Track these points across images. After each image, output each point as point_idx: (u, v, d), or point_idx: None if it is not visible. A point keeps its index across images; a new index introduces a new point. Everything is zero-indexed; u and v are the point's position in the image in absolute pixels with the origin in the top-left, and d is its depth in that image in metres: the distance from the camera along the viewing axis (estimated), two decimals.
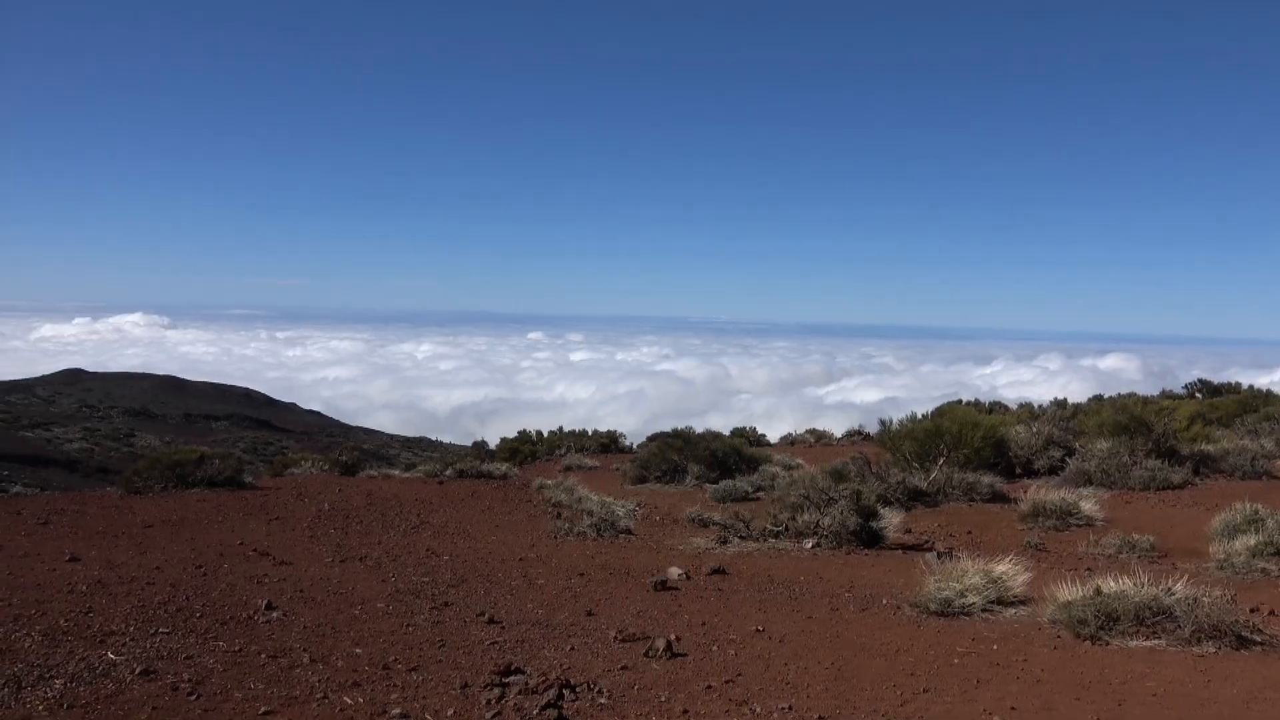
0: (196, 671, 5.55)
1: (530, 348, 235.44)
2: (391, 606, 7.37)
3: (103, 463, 40.58)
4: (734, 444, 18.16)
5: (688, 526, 12.17)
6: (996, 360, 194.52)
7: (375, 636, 6.49)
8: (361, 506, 12.49)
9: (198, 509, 11.68)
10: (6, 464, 36.22)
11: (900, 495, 13.35)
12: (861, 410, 79.83)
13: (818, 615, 7.46)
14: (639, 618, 7.24)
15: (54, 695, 5.08)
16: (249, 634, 6.41)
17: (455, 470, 16.31)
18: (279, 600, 7.32)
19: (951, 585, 7.58)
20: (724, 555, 10.14)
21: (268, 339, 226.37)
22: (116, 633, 6.26)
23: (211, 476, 13.35)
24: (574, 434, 24.23)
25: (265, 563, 8.84)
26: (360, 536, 10.60)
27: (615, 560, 9.71)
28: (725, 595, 8.17)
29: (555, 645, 6.41)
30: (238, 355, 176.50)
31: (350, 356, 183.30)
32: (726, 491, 14.69)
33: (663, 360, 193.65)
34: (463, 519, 12.16)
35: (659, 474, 16.73)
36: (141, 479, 13.11)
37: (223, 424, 65.22)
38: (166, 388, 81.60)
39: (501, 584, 8.41)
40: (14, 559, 8.48)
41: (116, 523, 10.62)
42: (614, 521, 11.58)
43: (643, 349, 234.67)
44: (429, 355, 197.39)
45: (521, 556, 9.77)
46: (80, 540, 9.54)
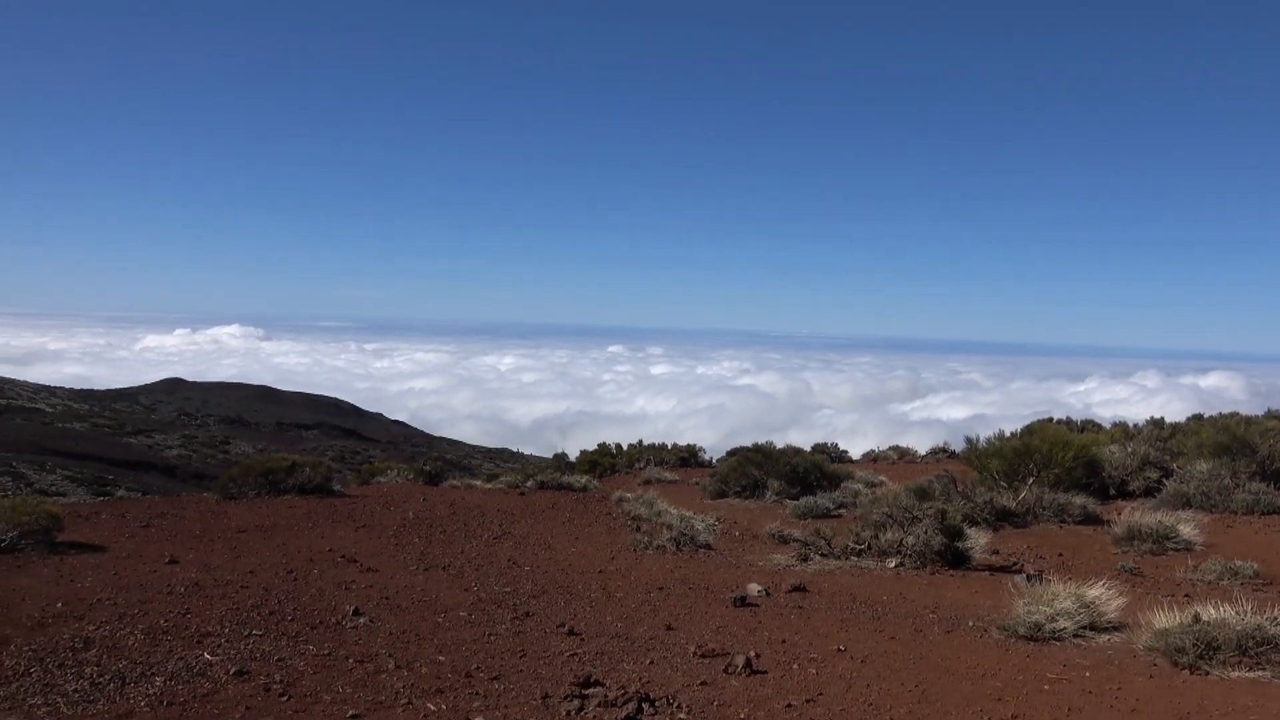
0: (288, 673, 5.72)
1: (611, 360, 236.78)
2: (474, 615, 7.48)
3: (200, 469, 42.09)
4: (815, 460, 17.95)
5: (768, 542, 12.07)
6: (1090, 377, 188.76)
7: (458, 644, 6.59)
8: (445, 516, 12.71)
9: (289, 515, 12.03)
10: (112, 468, 37.85)
11: (987, 515, 13.02)
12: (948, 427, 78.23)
13: (901, 636, 7.32)
14: (718, 633, 7.21)
15: (154, 692, 5.29)
16: (337, 638, 6.58)
17: (536, 482, 16.48)
18: (366, 606, 7.50)
19: (1041, 609, 7.36)
20: (805, 572, 10.03)
21: (357, 350, 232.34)
22: (212, 634, 6.49)
23: (302, 484, 13.75)
24: (653, 447, 24.24)
25: (353, 569, 9.06)
26: (443, 545, 10.78)
27: (695, 575, 9.68)
28: (806, 613, 8.07)
29: (634, 659, 6.42)
30: (328, 366, 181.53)
31: (435, 368, 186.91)
32: (807, 508, 14.52)
33: (743, 374, 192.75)
34: (543, 530, 12.27)
35: (739, 489, 16.63)
36: (236, 485, 13.57)
37: (313, 433, 67.06)
38: (260, 397, 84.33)
39: (581, 596, 8.46)
40: (119, 560, 8.87)
41: (212, 527, 11.01)
42: (693, 536, 11.55)
43: (723, 363, 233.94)
44: (511, 367, 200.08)
45: (601, 569, 9.81)
46: (179, 543, 9.91)
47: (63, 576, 8.02)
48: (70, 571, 8.24)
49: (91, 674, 5.53)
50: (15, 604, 6.95)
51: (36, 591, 7.39)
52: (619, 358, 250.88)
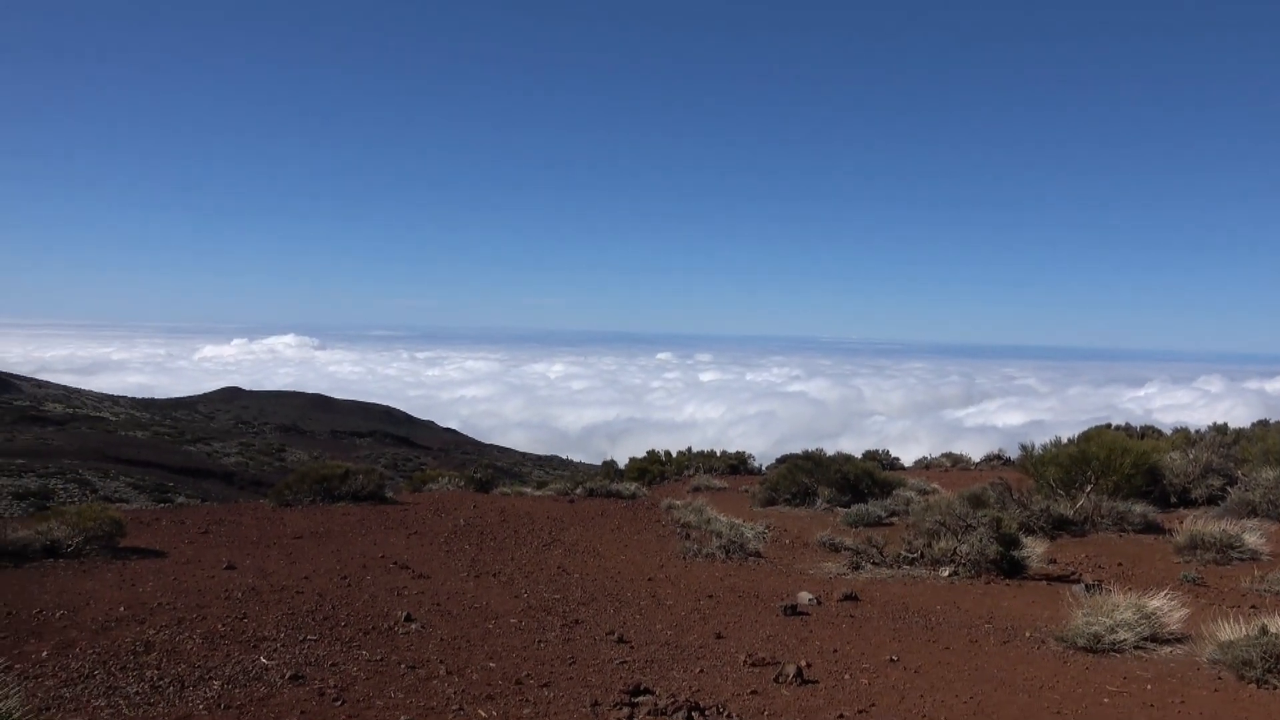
0: (341, 679, 5.80)
1: (659, 368, 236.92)
2: (524, 622, 7.51)
3: (257, 476, 42.91)
4: (866, 467, 17.76)
5: (818, 551, 11.97)
6: (1150, 382, 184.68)
7: (508, 651, 6.63)
8: (495, 523, 12.79)
9: (343, 522, 12.20)
10: (172, 475, 38.76)
11: (1044, 523, 12.77)
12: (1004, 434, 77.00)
13: (955, 646, 7.20)
14: (769, 642, 7.16)
15: (212, 695, 5.39)
16: (390, 644, 6.65)
17: (585, 489, 16.53)
18: (418, 612, 7.57)
19: (1101, 620, 7.19)
20: (856, 581, 9.92)
21: (408, 359, 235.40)
22: (268, 638, 6.59)
23: (355, 491, 13.94)
24: (702, 455, 24.17)
25: (405, 575, 9.16)
26: (494, 552, 10.85)
27: (744, 583, 9.63)
28: (857, 622, 7.98)
29: (684, 667, 6.40)
30: (381, 375, 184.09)
31: (486, 376, 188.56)
32: (858, 516, 14.38)
33: (793, 381, 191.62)
34: (592, 538, 12.29)
35: (788, 496, 16.52)
36: (291, 492, 13.80)
37: (366, 440, 68.02)
38: (315, 405, 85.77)
39: (631, 603, 8.46)
40: (178, 565, 9.06)
41: (269, 533, 11.20)
42: (743, 544, 11.49)
43: (773, 369, 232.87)
44: (561, 375, 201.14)
45: (650, 576, 9.80)
46: (236, 549, 10.10)
47: (125, 581, 8.21)
48: (132, 576, 8.43)
49: (152, 677, 5.65)
50: (81, 607, 7.13)
51: (100, 595, 7.58)
52: (668, 365, 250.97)
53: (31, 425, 52.10)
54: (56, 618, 6.81)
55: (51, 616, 6.84)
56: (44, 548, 9.10)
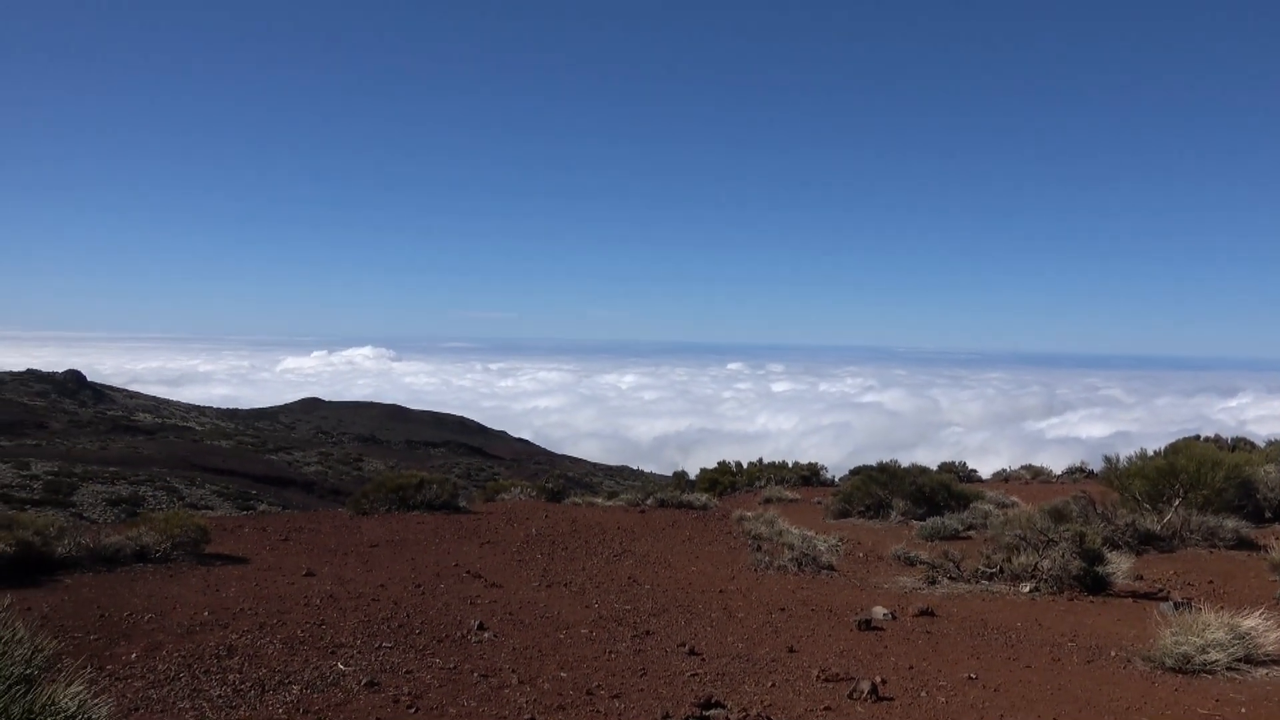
0: (415, 686, 5.87)
1: (731, 378, 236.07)
2: (595, 633, 7.52)
3: (335, 485, 43.86)
4: (943, 479, 17.40)
5: (893, 564, 11.75)
6: (1243, 392, 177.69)
7: (579, 661, 6.64)
8: (566, 533, 12.86)
9: (417, 530, 12.39)
10: (254, 484, 39.83)
11: (1129, 538, 12.35)
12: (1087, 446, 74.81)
13: (1037, 665, 7.00)
14: (842, 657, 7.05)
15: (291, 700, 5.51)
16: (463, 652, 6.72)
17: (656, 499, 16.51)
18: (490, 621, 7.64)
19: (1191, 639, 6.91)
20: (932, 596, 9.71)
21: (482, 370, 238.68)
22: (345, 645, 6.72)
23: (430, 500, 14.15)
24: (774, 466, 23.97)
25: (477, 584, 9.25)
26: (565, 562, 10.90)
27: (817, 596, 9.50)
28: (934, 638, 7.81)
29: (756, 680, 6.33)
30: (455, 386, 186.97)
31: (558, 387, 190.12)
32: (935, 529, 14.08)
33: (867, 391, 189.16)
34: (663, 548, 12.27)
35: (862, 509, 16.27)
36: (368, 501, 14.07)
37: (440, 450, 69.05)
38: (391, 416, 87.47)
39: (702, 615, 8.41)
40: (260, 572, 9.30)
41: (346, 541, 11.43)
42: (816, 556, 11.35)
43: (846, 380, 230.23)
44: (632, 385, 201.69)
45: (722, 588, 9.74)
46: (315, 557, 10.33)
47: (209, 586, 8.46)
48: (216, 582, 8.68)
49: (234, 680, 5.80)
50: (168, 611, 7.37)
51: (186, 600, 7.82)
52: (739, 375, 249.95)
53: (124, 434, 54.12)
54: (145, 621, 7.04)
55: (141, 619, 7.07)
56: (134, 553, 9.43)
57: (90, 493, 29.23)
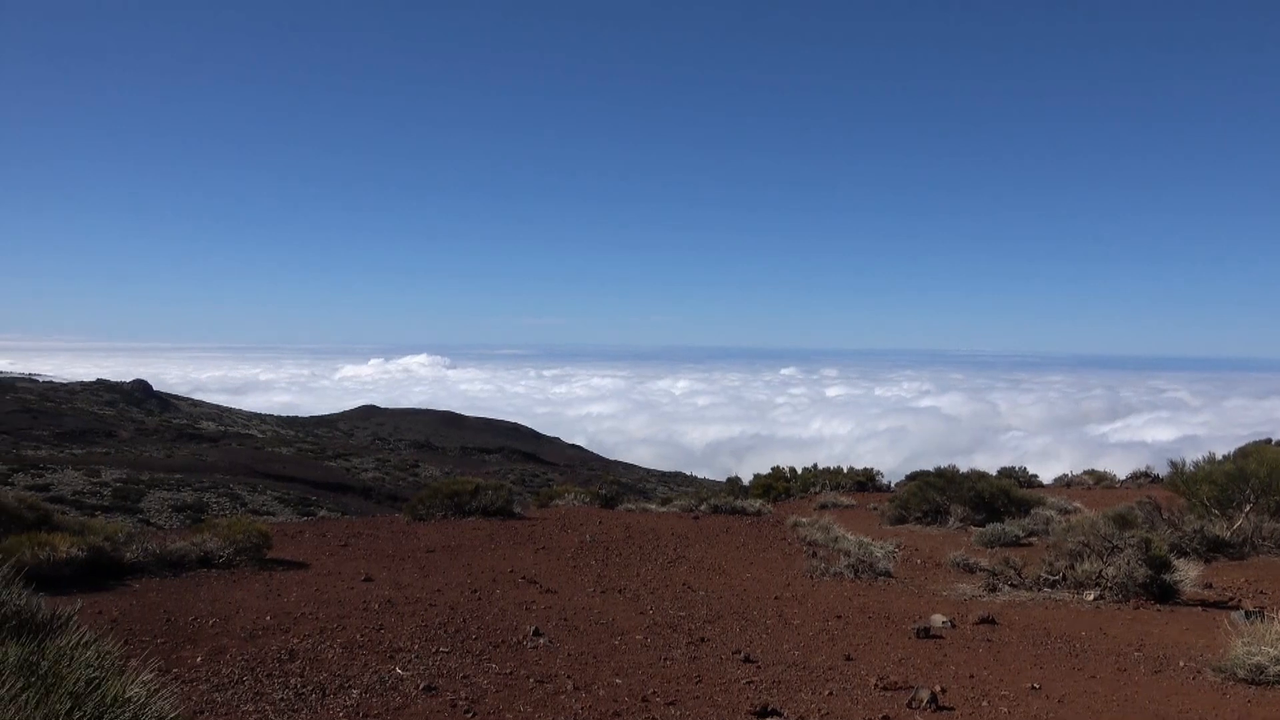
0: (472, 691, 5.91)
1: (784, 383, 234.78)
2: (649, 639, 7.51)
3: (392, 490, 44.47)
4: (1002, 485, 17.09)
5: (951, 571, 11.57)
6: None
7: (634, 668, 6.63)
8: (620, 539, 12.86)
9: (473, 536, 12.49)
10: (314, 490, 40.56)
11: (1197, 545, 12.00)
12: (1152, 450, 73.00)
13: (1102, 675, 6.83)
14: (900, 665, 6.95)
15: (351, 704, 5.58)
16: (518, 658, 6.75)
17: (710, 506, 16.45)
18: (545, 627, 7.67)
19: (1264, 649, 6.69)
20: (993, 604, 9.54)
21: (535, 377, 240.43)
22: (403, 649, 6.79)
23: (485, 506, 14.27)
24: (828, 471, 23.74)
25: (533, 590, 9.30)
26: (619, 568, 10.91)
27: (874, 603, 9.39)
28: (995, 647, 7.67)
29: (812, 688, 6.27)
30: (509, 393, 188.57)
31: (611, 393, 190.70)
32: (994, 535, 13.84)
33: (924, 396, 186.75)
34: (717, 555, 12.22)
35: (919, 515, 16.04)
36: (425, 507, 14.23)
37: (494, 456, 69.68)
38: (446, 422, 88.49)
39: (757, 622, 8.35)
40: (320, 577, 9.45)
41: (403, 547, 11.57)
42: (872, 563, 11.21)
43: (902, 384, 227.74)
44: (685, 391, 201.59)
45: (777, 595, 9.66)
46: (373, 562, 10.46)
47: (271, 591, 8.61)
48: (278, 586, 8.84)
49: (296, 684, 5.90)
50: (231, 616, 7.52)
51: (248, 605, 7.97)
52: (793, 380, 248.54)
53: (188, 442, 55.47)
54: (209, 625, 7.19)
55: (205, 624, 7.22)
56: (199, 558, 9.64)
57: (157, 499, 30.00)
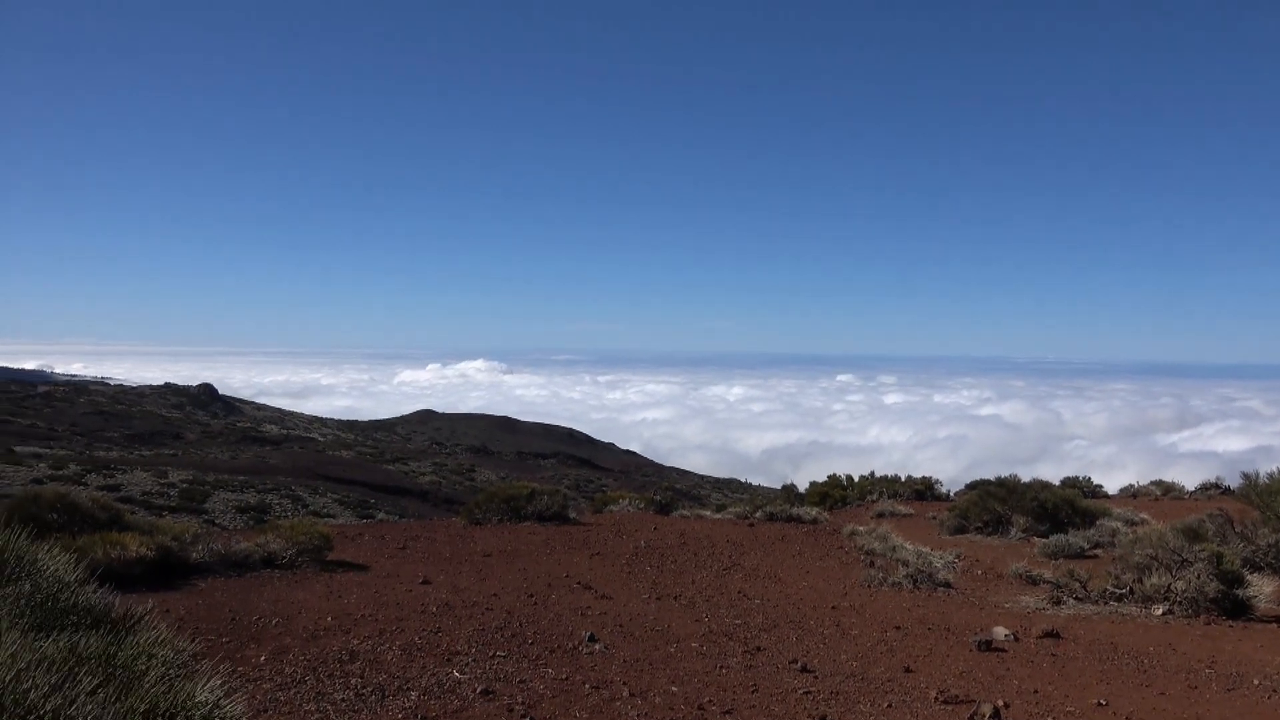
0: (529, 696, 5.94)
1: (841, 390, 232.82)
2: (705, 647, 7.48)
3: (449, 494, 44.93)
4: (1066, 495, 16.71)
5: (1013, 583, 11.34)
6: None
7: (690, 676, 6.61)
8: (675, 545, 12.84)
9: (528, 541, 12.57)
10: (373, 493, 41.14)
11: (1272, 560, 11.60)
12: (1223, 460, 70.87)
13: (1172, 692, 6.63)
14: (962, 678, 6.82)
15: (410, 706, 5.64)
16: (574, 663, 6.77)
17: (765, 513, 16.34)
18: (601, 633, 7.67)
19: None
20: (1057, 617, 9.32)
21: (590, 382, 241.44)
22: (461, 653, 6.85)
23: (540, 511, 14.35)
24: (886, 479, 23.45)
25: (588, 595, 9.32)
26: (674, 575, 10.88)
27: (934, 614, 9.24)
28: (1060, 661, 7.49)
29: (871, 700, 6.19)
30: (565, 398, 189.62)
31: (666, 399, 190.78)
32: (1058, 546, 13.53)
33: (984, 404, 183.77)
34: (773, 563, 12.13)
35: (980, 524, 15.75)
36: (481, 511, 14.36)
37: (549, 461, 70.05)
38: (501, 427, 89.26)
39: (814, 632, 8.27)
40: (380, 579, 9.58)
41: (460, 550, 11.68)
42: (931, 573, 11.04)
43: (962, 392, 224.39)
44: (740, 398, 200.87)
45: (834, 604, 9.56)
46: (431, 565, 10.58)
47: (332, 592, 8.75)
48: (338, 588, 8.98)
49: (356, 685, 5.98)
50: (294, 616, 7.65)
51: (310, 605, 8.10)
52: (849, 387, 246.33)
53: (252, 444, 56.68)
54: (273, 625, 7.33)
55: (269, 624, 7.36)
56: (262, 559, 9.84)
57: (221, 500, 30.69)
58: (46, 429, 51.74)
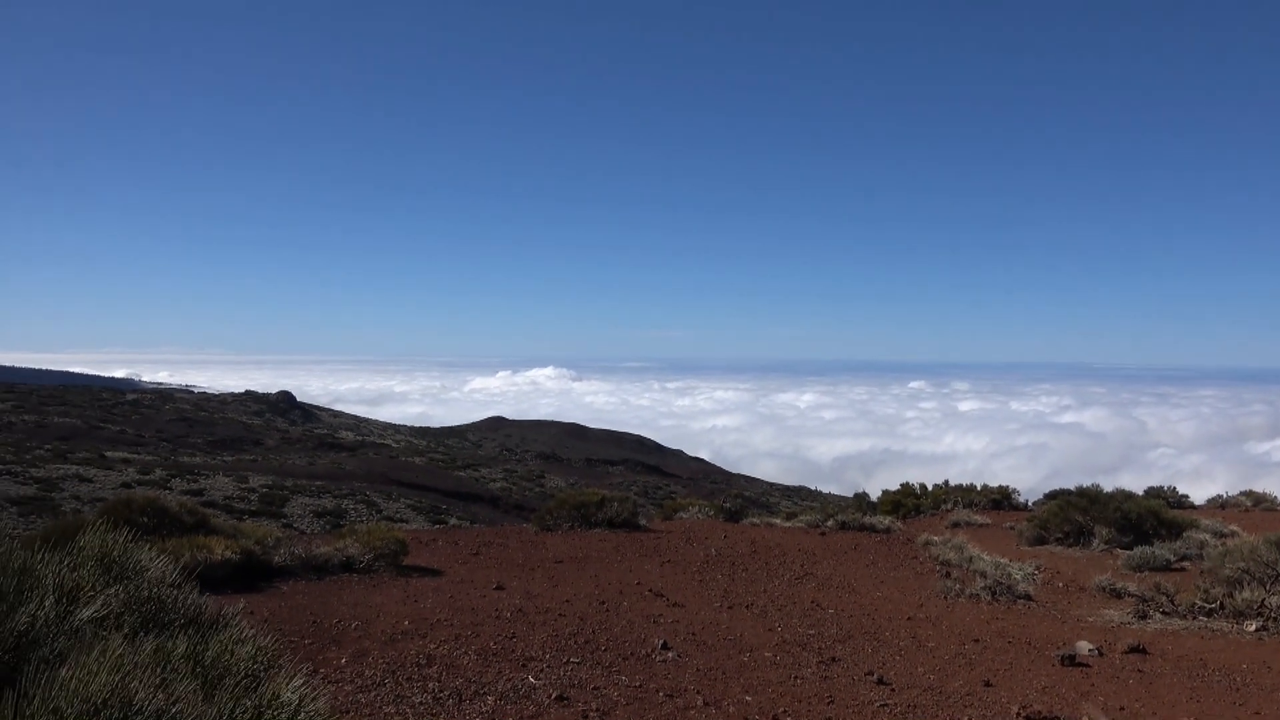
0: (603, 702, 5.96)
1: (913, 397, 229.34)
2: (778, 657, 7.42)
3: (519, 500, 45.35)
4: (1150, 505, 16.19)
5: (1096, 596, 11.03)
6: None
7: (764, 685, 6.56)
8: (746, 554, 12.77)
9: (599, 548, 12.62)
10: (445, 498, 41.74)
11: None
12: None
13: (1267, 712, 6.38)
14: (1044, 694, 6.66)
15: (486, 710, 5.71)
16: (647, 671, 6.78)
17: (837, 521, 16.15)
18: (673, 641, 7.67)
19: None
20: (1143, 632, 9.04)
21: (659, 389, 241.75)
22: (535, 658, 6.91)
23: (610, 518, 14.40)
24: (961, 488, 22.97)
25: (660, 603, 9.32)
26: (746, 584, 10.83)
27: (1013, 627, 9.03)
28: (1147, 678, 7.26)
29: (950, 714, 6.07)
30: (634, 405, 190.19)
31: (735, 406, 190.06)
32: (1143, 559, 13.11)
33: (1064, 411, 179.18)
34: (846, 572, 11.99)
35: (1060, 535, 15.34)
36: (552, 518, 14.47)
37: (618, 468, 70.25)
38: (570, 434, 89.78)
39: (889, 643, 8.15)
40: (454, 584, 9.71)
41: (532, 556, 11.78)
42: (1010, 585, 10.79)
43: (1040, 399, 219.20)
44: (811, 405, 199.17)
45: (909, 616, 9.41)
46: (504, 571, 10.69)
47: (408, 597, 8.91)
48: (414, 593, 9.13)
49: (434, 689, 6.07)
50: (372, 620, 7.81)
51: (387, 609, 8.26)
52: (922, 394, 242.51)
53: (328, 451, 57.98)
54: (352, 628, 7.49)
55: (348, 627, 7.52)
56: (340, 563, 10.06)
57: (299, 505, 31.46)
58: (135, 435, 53.66)
